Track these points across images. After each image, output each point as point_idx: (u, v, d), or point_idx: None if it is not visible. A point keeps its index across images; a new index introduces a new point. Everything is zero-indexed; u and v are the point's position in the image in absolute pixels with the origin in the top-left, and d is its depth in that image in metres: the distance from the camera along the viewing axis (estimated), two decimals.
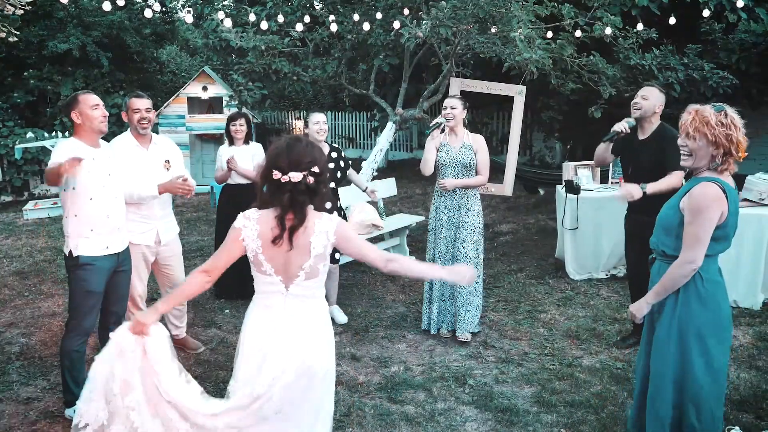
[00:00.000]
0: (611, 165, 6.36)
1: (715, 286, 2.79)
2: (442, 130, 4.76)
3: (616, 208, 4.66)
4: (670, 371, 2.82)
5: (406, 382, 4.11)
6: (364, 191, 5.59)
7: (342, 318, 5.20)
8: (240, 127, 5.57)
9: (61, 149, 3.44)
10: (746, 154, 2.75)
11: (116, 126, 12.72)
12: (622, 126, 4.17)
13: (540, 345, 4.70)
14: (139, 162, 4.09)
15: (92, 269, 3.59)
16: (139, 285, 4.32)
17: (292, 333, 2.51)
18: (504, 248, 7.54)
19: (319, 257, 2.48)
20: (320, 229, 2.47)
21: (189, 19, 5.67)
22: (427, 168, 4.76)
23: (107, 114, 3.65)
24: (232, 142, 5.63)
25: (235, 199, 5.37)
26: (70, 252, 3.56)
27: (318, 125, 4.99)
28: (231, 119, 5.64)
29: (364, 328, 5.08)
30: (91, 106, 3.55)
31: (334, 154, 5.10)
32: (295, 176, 2.37)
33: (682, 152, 2.80)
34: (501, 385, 4.06)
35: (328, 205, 4.93)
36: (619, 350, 4.50)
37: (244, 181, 5.45)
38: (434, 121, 4.76)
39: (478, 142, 4.80)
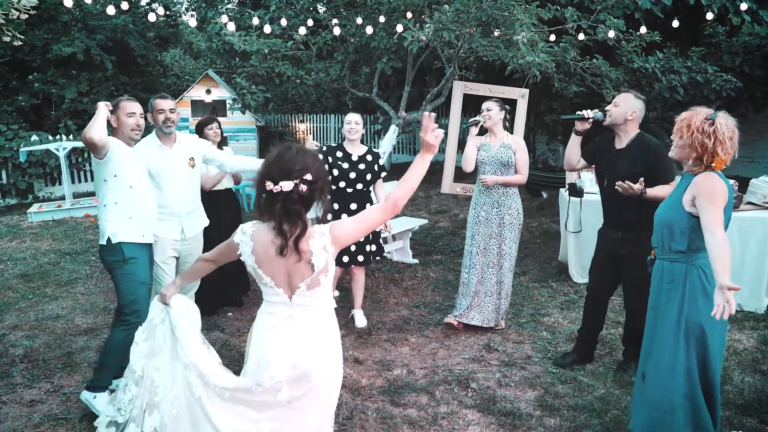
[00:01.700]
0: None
1: None
2: (480, 131, 4.89)
3: None
4: (681, 366, 2.86)
5: (409, 385, 4.11)
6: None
7: (361, 323, 5.21)
8: (214, 132, 5.51)
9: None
10: (727, 165, 2.83)
11: None
12: (587, 111, 4.05)
13: (543, 348, 4.69)
14: (163, 162, 4.13)
15: (136, 262, 3.76)
16: (168, 281, 4.25)
17: (295, 341, 2.49)
18: None
19: (320, 271, 2.45)
20: (317, 247, 2.42)
21: (193, 23, 5.68)
22: (467, 165, 4.89)
23: (142, 124, 3.82)
24: None
25: (212, 205, 4.98)
26: (108, 240, 3.66)
27: (350, 125, 5.05)
28: (204, 123, 5.55)
29: (367, 331, 5.07)
30: (127, 114, 3.77)
31: (369, 157, 5.11)
32: (286, 185, 2.33)
33: (673, 144, 2.94)
34: (504, 389, 4.05)
35: (336, 206, 4.96)
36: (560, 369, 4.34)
37: (220, 188, 5.43)
38: (471, 120, 4.88)
39: (518, 142, 4.92)
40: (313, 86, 7.63)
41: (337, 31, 6.26)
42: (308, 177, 2.37)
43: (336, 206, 4.97)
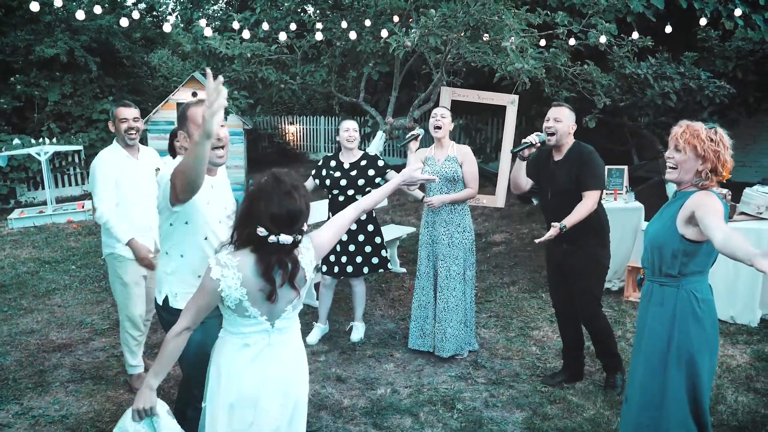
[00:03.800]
0: (606, 177, 6.22)
1: (710, 305, 2.76)
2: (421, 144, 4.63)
3: (612, 218, 4.52)
4: (671, 392, 2.73)
5: (393, 406, 3.96)
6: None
7: (356, 336, 5.05)
8: (182, 143, 5.38)
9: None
10: (730, 176, 2.72)
11: (105, 132, 12.57)
12: (532, 138, 3.91)
13: (532, 365, 4.55)
14: (129, 173, 3.97)
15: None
16: (140, 303, 4.14)
17: (280, 370, 2.40)
18: (497, 259, 7.39)
19: (305, 287, 2.37)
20: (306, 263, 2.33)
21: (167, 28, 5.48)
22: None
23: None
24: (175, 156, 5.43)
25: None
26: (166, 300, 2.77)
27: (347, 133, 4.85)
28: (174, 135, 5.43)
29: (351, 346, 4.92)
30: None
31: (363, 162, 4.87)
32: (286, 239, 2.18)
33: (668, 164, 2.77)
34: (491, 410, 3.91)
35: (330, 214, 4.83)
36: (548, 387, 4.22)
37: None
38: (410, 134, 4.60)
39: (464, 153, 4.62)
40: (300, 89, 7.46)
41: (319, 36, 6.09)
42: (305, 227, 2.25)
43: (331, 215, 4.85)
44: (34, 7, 4.99)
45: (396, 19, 6.42)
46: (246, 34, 6.02)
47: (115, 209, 3.95)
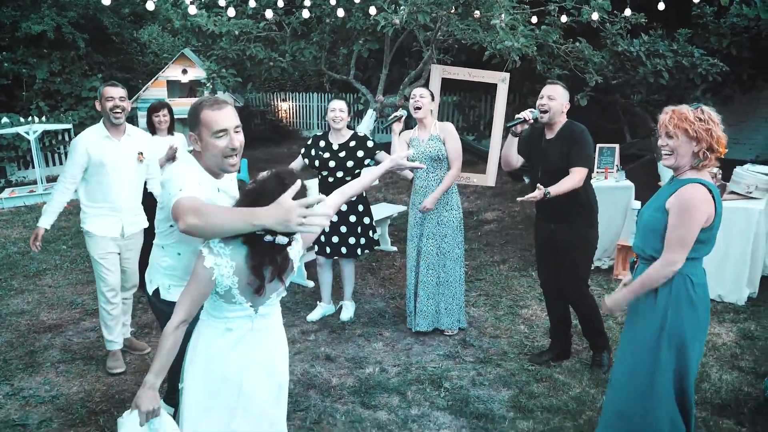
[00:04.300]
0: (597, 155, 6.22)
1: (704, 289, 2.77)
2: (407, 125, 4.59)
3: (602, 197, 4.53)
4: (660, 375, 2.75)
5: (381, 384, 3.99)
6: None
7: (346, 315, 5.08)
8: (163, 118, 5.40)
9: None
10: (726, 150, 2.71)
11: (95, 111, 12.45)
12: (525, 114, 3.91)
13: (520, 343, 4.58)
14: (109, 153, 3.95)
15: None
16: (111, 277, 4.17)
17: (263, 354, 2.42)
18: (488, 237, 7.41)
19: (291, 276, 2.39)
20: (294, 254, 2.34)
21: (150, 6, 5.37)
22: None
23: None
24: (154, 133, 5.44)
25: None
26: (157, 291, 2.73)
27: (334, 113, 4.79)
28: (153, 110, 5.44)
29: (341, 325, 4.94)
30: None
31: (352, 143, 4.83)
32: (282, 240, 2.17)
33: (662, 152, 2.75)
34: (478, 388, 3.94)
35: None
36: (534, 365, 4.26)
37: None
38: (392, 116, 4.56)
39: (446, 130, 4.60)
40: (290, 66, 7.38)
41: (306, 14, 6.00)
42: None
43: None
44: None
45: None
46: (231, 11, 5.92)
47: (82, 190, 4.09)
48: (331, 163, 4.78)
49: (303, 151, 4.95)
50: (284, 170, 2.23)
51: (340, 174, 4.78)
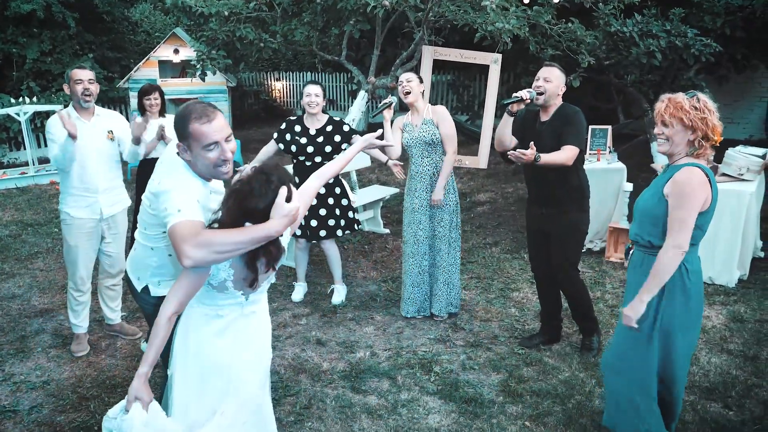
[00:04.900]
0: (589, 137, 6.19)
1: (698, 277, 2.79)
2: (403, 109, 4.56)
3: (594, 179, 4.51)
4: (655, 366, 2.79)
5: (371, 369, 4.00)
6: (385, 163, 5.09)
7: (338, 298, 5.09)
8: (154, 101, 5.40)
9: None
10: (722, 138, 2.72)
11: None
12: (523, 93, 3.85)
13: (510, 327, 4.60)
14: (81, 136, 3.92)
15: None
16: (82, 264, 4.18)
17: (250, 338, 2.47)
18: (480, 219, 7.40)
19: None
20: (284, 242, 2.36)
21: None
22: (393, 152, 4.59)
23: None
24: (144, 113, 5.44)
25: (146, 178, 4.95)
26: (146, 288, 2.69)
27: (309, 98, 4.76)
28: (144, 93, 5.44)
29: (332, 309, 4.95)
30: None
31: (329, 128, 4.82)
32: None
33: (658, 139, 2.77)
34: (467, 373, 3.96)
35: (297, 179, 4.78)
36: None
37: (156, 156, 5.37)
38: (382, 102, 4.49)
39: (440, 114, 4.54)
40: (282, 47, 7.29)
41: None
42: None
43: (297, 180, 4.78)
44: None
45: None
46: None
47: (60, 174, 4.10)
48: (310, 149, 4.76)
49: (276, 135, 4.90)
50: (267, 166, 2.21)
51: (318, 159, 4.78)
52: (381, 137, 3.09)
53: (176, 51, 11.92)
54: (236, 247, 2.09)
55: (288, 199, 2.12)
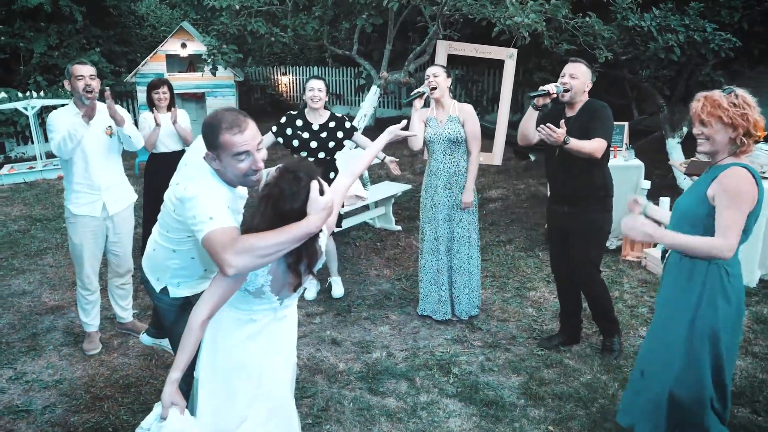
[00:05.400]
0: None
1: (738, 280, 2.69)
2: (426, 102, 4.46)
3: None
4: (695, 368, 2.70)
5: (388, 370, 3.93)
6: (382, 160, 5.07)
7: (338, 292, 5.07)
8: (163, 95, 5.40)
9: None
10: (765, 132, 2.62)
11: None
12: (550, 87, 3.77)
13: (528, 327, 4.52)
14: (79, 132, 3.85)
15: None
16: (87, 263, 4.13)
17: (282, 339, 2.47)
18: (493, 216, 7.31)
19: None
20: (322, 244, 2.32)
21: None
22: (415, 143, 4.48)
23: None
24: (152, 108, 5.46)
25: (164, 167, 4.84)
26: (165, 289, 2.66)
27: (312, 92, 4.67)
28: (153, 87, 5.44)
29: (347, 308, 4.88)
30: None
31: (332, 124, 4.75)
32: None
33: (698, 139, 2.66)
34: (487, 374, 3.89)
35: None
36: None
37: (172, 149, 5.46)
38: (415, 91, 4.40)
39: (466, 111, 4.45)
40: (292, 41, 7.21)
41: None
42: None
43: None
44: None
45: None
46: None
47: (63, 172, 4.12)
48: (313, 144, 4.69)
49: (275, 129, 4.79)
50: (291, 164, 2.14)
51: (321, 155, 4.72)
52: (406, 128, 3.01)
53: (184, 45, 11.85)
54: (279, 248, 2.03)
55: (321, 192, 2.06)
